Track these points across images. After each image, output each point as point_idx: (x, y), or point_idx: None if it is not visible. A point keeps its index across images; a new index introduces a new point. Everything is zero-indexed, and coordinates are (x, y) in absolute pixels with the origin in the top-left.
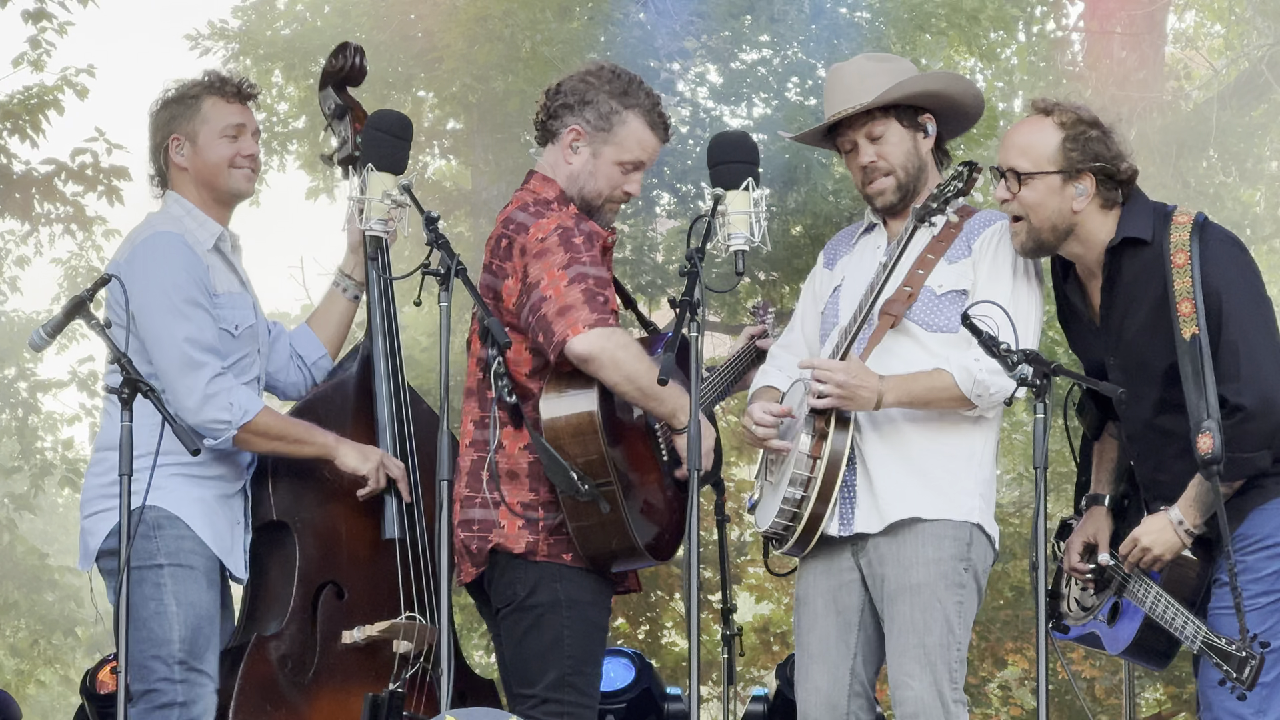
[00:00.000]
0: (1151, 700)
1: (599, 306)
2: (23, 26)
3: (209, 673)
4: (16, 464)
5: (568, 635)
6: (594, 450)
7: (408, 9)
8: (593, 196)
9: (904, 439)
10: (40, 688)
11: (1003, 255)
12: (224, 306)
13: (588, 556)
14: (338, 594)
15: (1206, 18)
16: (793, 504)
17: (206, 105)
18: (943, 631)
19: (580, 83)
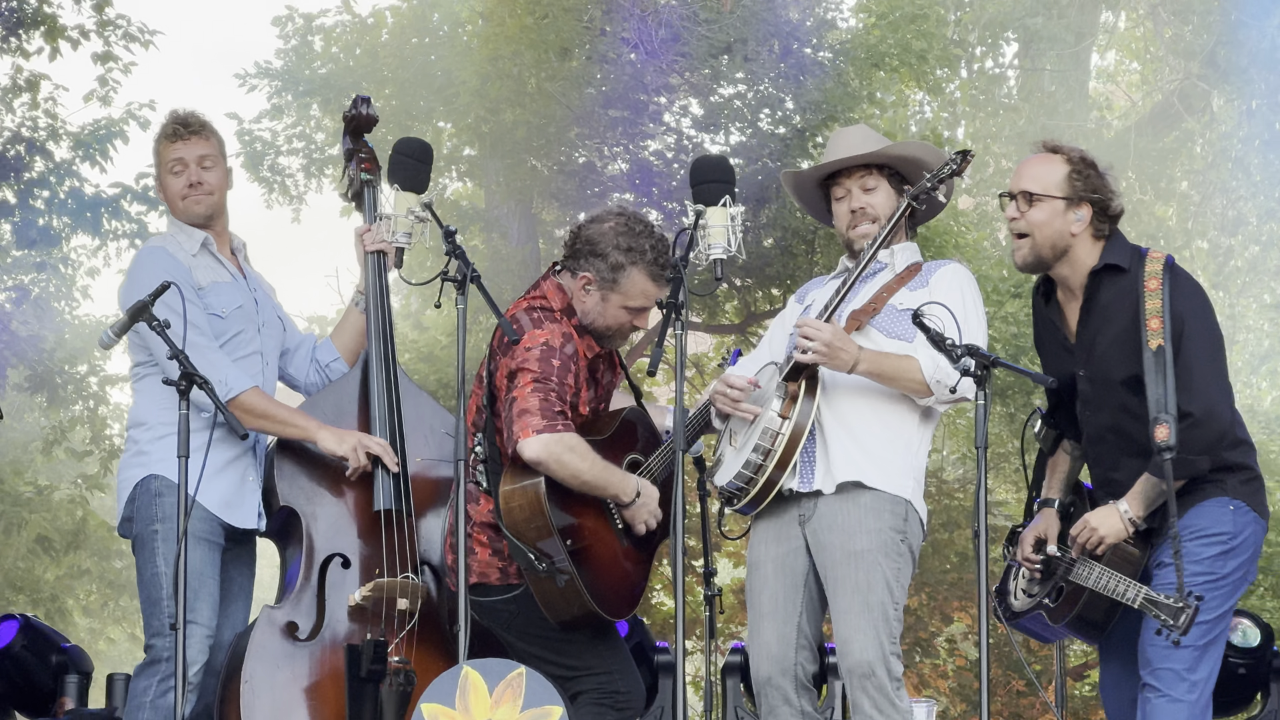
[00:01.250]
0: (1078, 651)
1: (551, 415)
2: (92, 67)
3: (199, 621)
4: (88, 449)
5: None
6: (545, 530)
7: (428, 50)
8: (602, 330)
9: (855, 417)
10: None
11: (954, 288)
12: (209, 294)
13: (556, 622)
14: (344, 564)
15: (1125, 56)
16: (752, 468)
17: (161, 147)
18: (883, 592)
19: (596, 232)
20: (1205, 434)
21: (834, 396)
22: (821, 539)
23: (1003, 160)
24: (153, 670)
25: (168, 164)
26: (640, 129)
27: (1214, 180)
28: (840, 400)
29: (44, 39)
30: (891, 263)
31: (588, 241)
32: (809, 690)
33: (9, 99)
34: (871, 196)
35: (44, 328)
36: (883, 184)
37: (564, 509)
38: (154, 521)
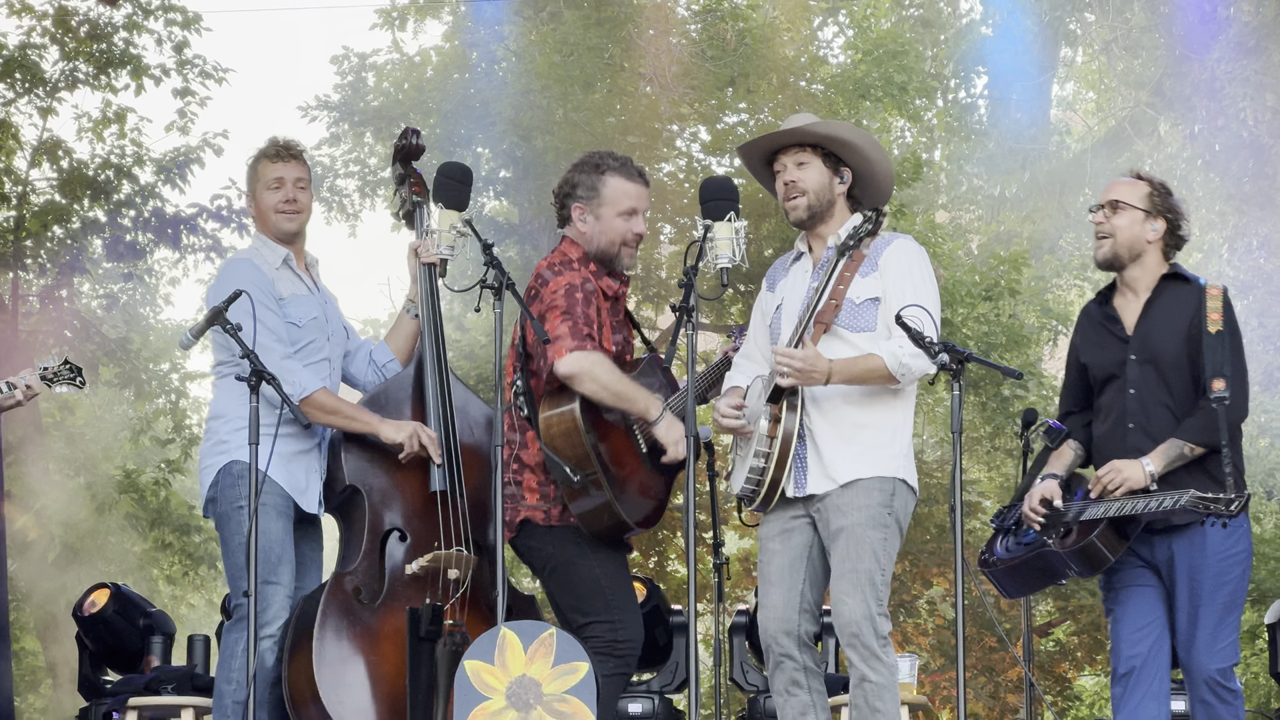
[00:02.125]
0: (1043, 611)
1: (580, 336)
2: (172, 101)
3: (280, 582)
4: (170, 437)
5: (600, 571)
6: (580, 447)
7: (468, 85)
8: (607, 247)
9: (842, 418)
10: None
11: (903, 264)
12: (289, 305)
13: (589, 533)
14: (401, 537)
15: (1082, 87)
16: (757, 473)
17: (261, 166)
18: (870, 561)
19: (566, 177)
20: (1235, 411)
21: (820, 401)
22: (824, 517)
23: (974, 179)
24: (240, 626)
25: (267, 181)
26: (655, 153)
27: None
28: (826, 403)
29: (130, 76)
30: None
31: (562, 186)
32: (809, 647)
33: (100, 130)
34: (802, 171)
35: (131, 330)
36: (815, 161)
37: (596, 431)
38: (238, 500)
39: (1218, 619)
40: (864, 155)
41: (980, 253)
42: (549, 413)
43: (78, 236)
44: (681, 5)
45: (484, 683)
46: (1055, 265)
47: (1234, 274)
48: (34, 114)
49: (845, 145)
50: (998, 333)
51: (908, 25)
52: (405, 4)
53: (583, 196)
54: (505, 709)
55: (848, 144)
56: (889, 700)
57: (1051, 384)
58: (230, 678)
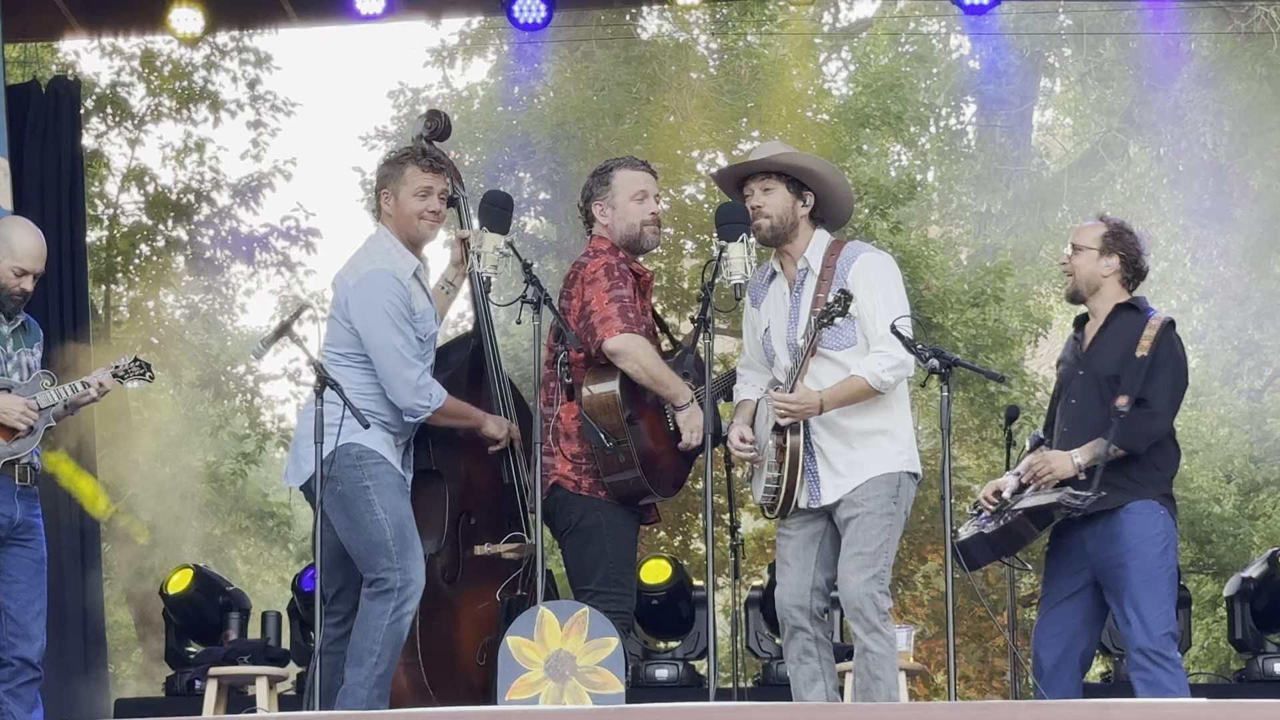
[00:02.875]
0: (1027, 584)
1: (629, 319)
2: (246, 132)
3: (416, 557)
4: (246, 433)
5: (609, 547)
6: (615, 420)
7: (511, 116)
8: (629, 230)
9: (845, 429)
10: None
11: (872, 278)
12: (420, 321)
13: (616, 497)
14: (469, 520)
15: (1060, 113)
16: (773, 485)
17: (411, 172)
18: (875, 544)
19: (585, 185)
20: (1151, 424)
21: (826, 418)
22: (836, 511)
23: (964, 197)
24: (386, 597)
25: (416, 188)
26: (677, 177)
27: (1131, 210)
28: (829, 418)
29: (209, 110)
30: (809, 266)
31: (583, 194)
32: (820, 620)
33: (181, 158)
34: (768, 196)
35: (210, 337)
36: (779, 188)
37: (632, 407)
38: (362, 480)
39: (1143, 596)
40: (823, 180)
41: (969, 263)
42: (592, 385)
43: (162, 253)
44: (701, 45)
45: (525, 656)
46: (1036, 274)
47: (1196, 280)
48: (123, 144)
49: (806, 173)
50: (984, 336)
51: (903, 60)
52: (454, 44)
53: (598, 194)
54: (544, 679)
55: (808, 171)
56: (888, 669)
57: (1033, 381)
58: (372, 649)
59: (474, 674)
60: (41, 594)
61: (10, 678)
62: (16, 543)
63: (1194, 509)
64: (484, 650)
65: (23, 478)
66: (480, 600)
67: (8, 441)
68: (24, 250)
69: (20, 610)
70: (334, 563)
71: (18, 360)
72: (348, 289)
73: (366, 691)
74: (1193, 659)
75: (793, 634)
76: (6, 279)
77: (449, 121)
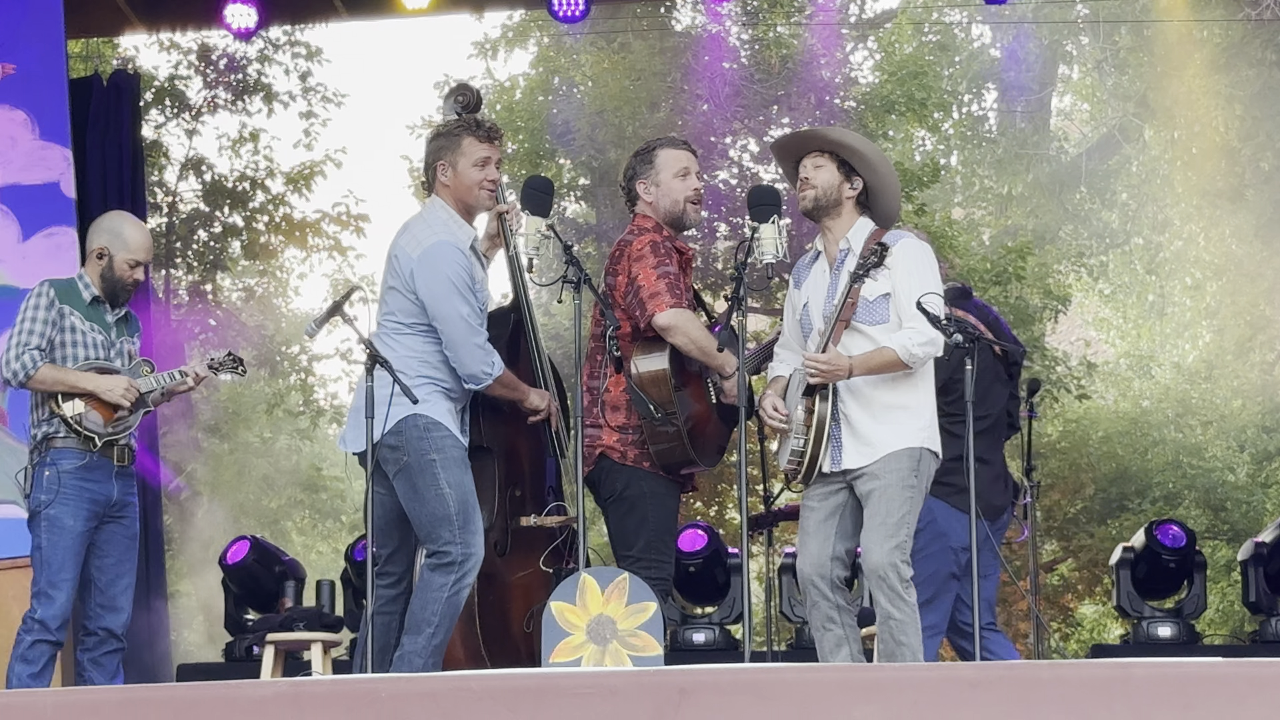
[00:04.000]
0: (1048, 550)
1: (677, 294)
2: (298, 122)
3: (477, 531)
4: (300, 410)
5: (651, 515)
6: (665, 393)
7: (551, 105)
8: (672, 206)
9: (872, 401)
10: (318, 555)
11: (909, 260)
12: (479, 291)
13: (661, 465)
14: (516, 493)
15: (1078, 99)
16: (798, 453)
17: (469, 143)
18: (897, 515)
19: (627, 163)
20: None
21: (853, 387)
22: (858, 482)
23: (985, 180)
24: (448, 570)
25: (475, 159)
26: (711, 163)
27: (1147, 192)
28: (858, 389)
29: (262, 102)
30: (850, 247)
31: (625, 173)
32: (841, 589)
33: (237, 147)
34: (817, 171)
35: (266, 319)
36: (829, 165)
37: (679, 381)
38: (429, 452)
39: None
40: (871, 166)
41: (991, 243)
42: (641, 359)
43: (219, 239)
44: (733, 36)
45: (567, 621)
46: (1055, 253)
47: (1210, 258)
48: (181, 135)
49: (854, 153)
50: (1006, 313)
51: (927, 49)
52: (497, 37)
53: (642, 172)
54: (586, 643)
55: (856, 152)
56: (911, 634)
57: (1053, 355)
58: (430, 619)
59: (521, 642)
60: (130, 569)
61: (94, 646)
62: (112, 520)
63: (1209, 477)
64: (530, 619)
65: (120, 459)
66: (526, 570)
67: (107, 421)
68: (137, 243)
69: (109, 583)
70: (388, 525)
71: (120, 347)
72: (411, 260)
73: (422, 660)
74: (1208, 621)
75: (815, 603)
76: (122, 271)
77: (478, 94)
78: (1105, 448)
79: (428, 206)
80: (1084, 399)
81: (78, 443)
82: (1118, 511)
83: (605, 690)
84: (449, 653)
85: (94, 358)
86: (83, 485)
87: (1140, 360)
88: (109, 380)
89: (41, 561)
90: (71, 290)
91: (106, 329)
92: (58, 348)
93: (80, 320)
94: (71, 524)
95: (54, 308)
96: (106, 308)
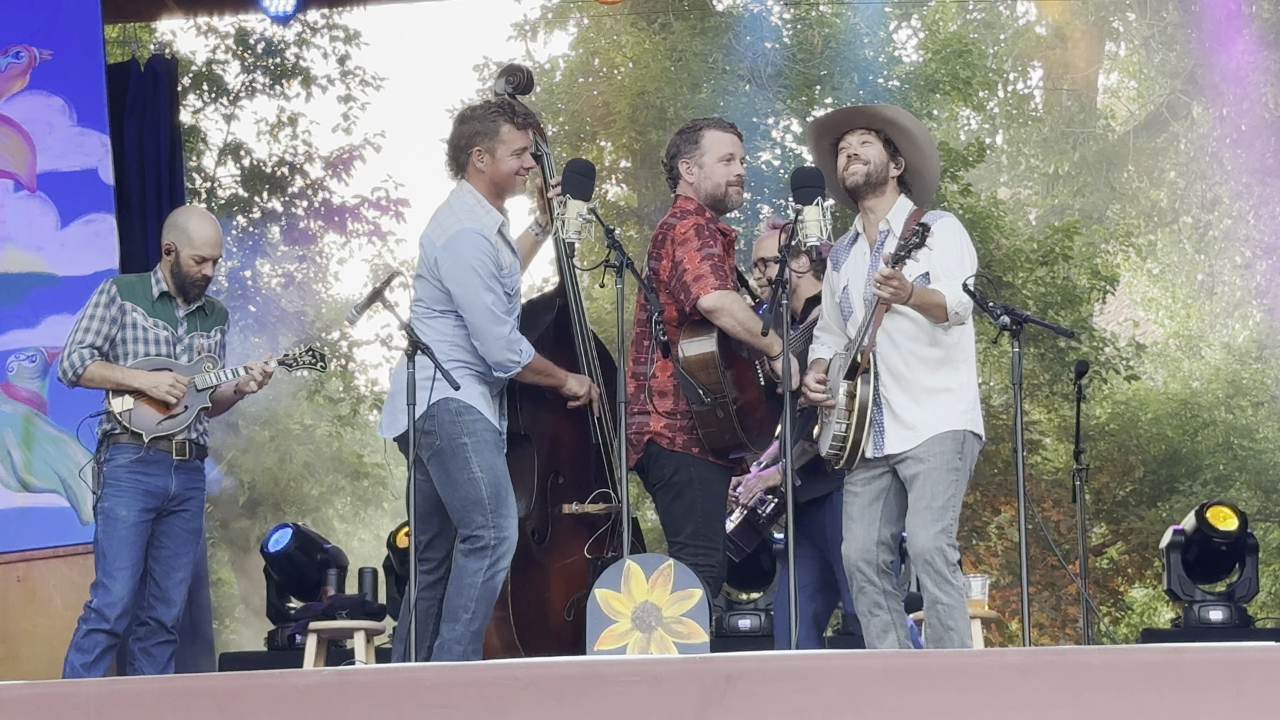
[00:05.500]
0: (1098, 534)
1: (722, 276)
2: (337, 106)
3: (510, 514)
4: (341, 396)
5: (699, 501)
6: (714, 377)
7: (592, 87)
8: (715, 189)
9: (913, 385)
10: (360, 543)
11: (946, 241)
12: (506, 276)
13: (711, 450)
14: (558, 480)
15: (1125, 76)
16: (840, 438)
17: (509, 131)
18: (942, 499)
19: (671, 141)
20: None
21: (894, 371)
22: (902, 466)
23: (1032, 159)
24: (481, 554)
25: (514, 147)
26: (754, 144)
27: (1195, 170)
28: (899, 373)
29: (300, 86)
30: (890, 228)
31: (669, 150)
32: (887, 574)
33: (275, 132)
34: (865, 147)
35: (305, 304)
36: (876, 143)
37: (727, 364)
38: (460, 436)
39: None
40: (918, 146)
41: (1037, 223)
42: (689, 343)
43: (258, 224)
44: (774, 15)
45: (612, 608)
46: (1103, 233)
47: (1260, 236)
48: (219, 120)
49: (904, 132)
50: (1054, 293)
51: (972, 26)
52: (536, 18)
53: (686, 152)
54: (630, 630)
55: (907, 131)
56: (959, 618)
57: (1101, 336)
58: (466, 605)
59: (563, 630)
60: (187, 563)
61: (146, 636)
62: (172, 513)
63: (1260, 459)
64: (571, 607)
65: (180, 452)
66: (568, 558)
67: (162, 417)
68: (202, 239)
69: (164, 575)
70: (428, 512)
71: (188, 343)
72: (436, 249)
73: (461, 647)
74: (1260, 605)
75: (861, 589)
76: (189, 267)
77: (530, 76)
78: (1155, 429)
79: (456, 194)
80: (1133, 380)
81: (131, 439)
82: (1168, 494)
83: (650, 678)
84: (486, 641)
85: (154, 354)
86: (137, 478)
87: (1190, 340)
88: (155, 377)
89: (99, 553)
90: (138, 287)
91: (174, 325)
92: (118, 344)
93: (143, 317)
94: (125, 515)
95: (114, 305)
96: (178, 303)
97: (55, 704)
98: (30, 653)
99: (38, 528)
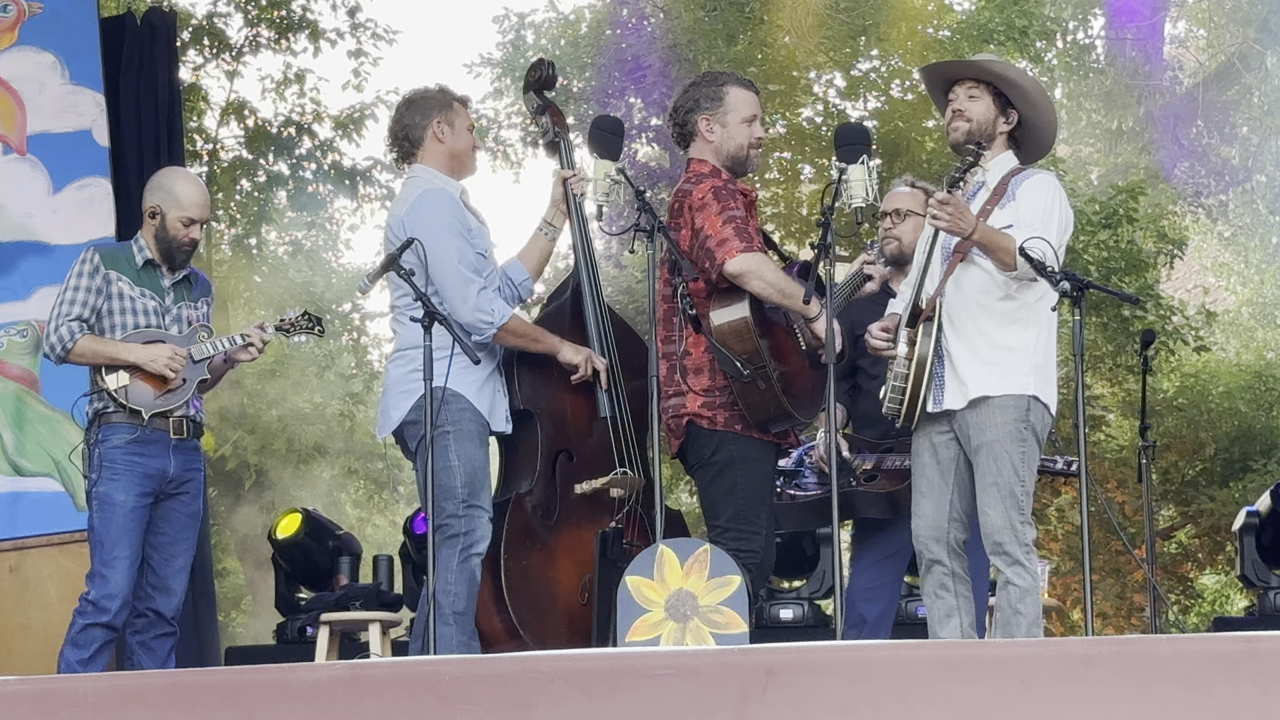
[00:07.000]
0: (1166, 516)
1: (747, 237)
2: (347, 62)
3: (484, 506)
4: (353, 372)
5: (741, 483)
6: (750, 345)
7: (620, 40)
8: (736, 151)
9: (977, 340)
10: (375, 529)
11: (1035, 195)
12: (475, 237)
13: (754, 423)
14: (569, 458)
15: (1193, 25)
16: (899, 393)
17: (457, 109)
18: (1010, 474)
19: (687, 93)
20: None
21: (957, 323)
22: (964, 434)
23: (1093, 114)
24: (453, 542)
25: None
26: (794, 99)
27: (1270, 125)
28: (962, 325)
29: (308, 40)
30: (985, 180)
31: (684, 103)
32: (958, 554)
33: (281, 90)
34: (972, 102)
35: (315, 274)
36: (985, 97)
37: (762, 330)
38: (443, 424)
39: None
40: (1032, 102)
41: (1099, 183)
42: (720, 312)
43: (264, 189)
44: None
45: (645, 596)
46: (1170, 194)
47: None
48: (221, 77)
49: (1015, 88)
50: (1117, 258)
51: None
52: None
53: (707, 108)
54: (665, 619)
55: (1018, 87)
56: (1030, 604)
57: (1168, 305)
58: (449, 590)
59: (577, 614)
60: (187, 549)
61: (144, 629)
62: (171, 496)
63: None
64: (585, 589)
65: (178, 431)
66: (583, 539)
67: (157, 393)
68: (190, 199)
69: (162, 563)
70: None
71: (177, 314)
72: (401, 221)
73: (455, 638)
74: None
75: (929, 567)
76: (176, 230)
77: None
78: (1226, 404)
79: (410, 174)
80: (1203, 351)
81: (126, 417)
82: (1241, 473)
83: (686, 671)
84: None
85: (144, 325)
86: (134, 460)
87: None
88: (152, 350)
89: (95, 541)
90: (121, 255)
91: (161, 294)
92: (105, 316)
93: (129, 286)
94: (122, 499)
95: (99, 274)
96: (163, 271)
97: (52, 700)
98: (23, 648)
99: (30, 514)
